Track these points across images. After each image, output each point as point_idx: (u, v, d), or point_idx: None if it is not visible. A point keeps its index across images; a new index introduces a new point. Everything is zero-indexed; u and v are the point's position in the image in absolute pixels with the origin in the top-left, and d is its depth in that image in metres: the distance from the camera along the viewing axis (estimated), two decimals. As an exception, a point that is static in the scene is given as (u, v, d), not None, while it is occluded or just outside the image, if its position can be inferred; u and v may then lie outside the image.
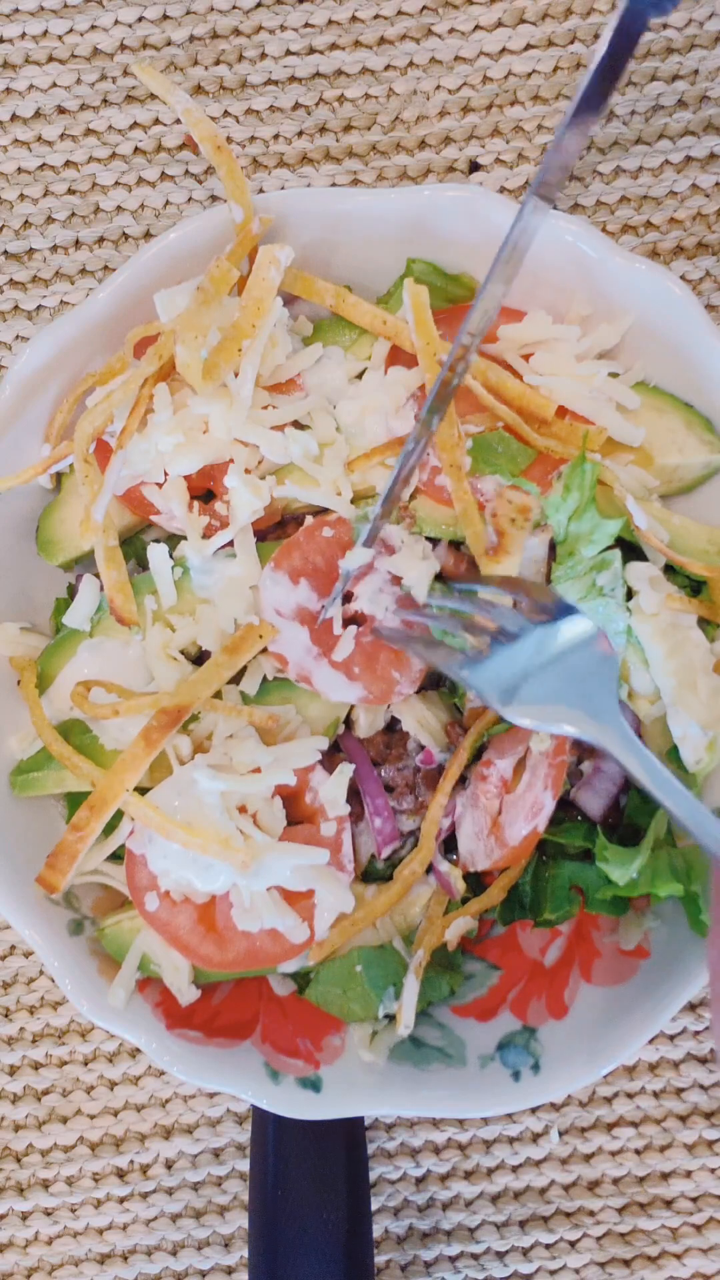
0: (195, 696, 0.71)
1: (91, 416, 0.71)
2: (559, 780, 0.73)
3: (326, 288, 0.75)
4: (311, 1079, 0.73)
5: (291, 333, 0.76)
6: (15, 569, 0.78)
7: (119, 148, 0.90)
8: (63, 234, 0.90)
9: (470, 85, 0.89)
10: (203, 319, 0.69)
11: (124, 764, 0.70)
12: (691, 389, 0.76)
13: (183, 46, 0.90)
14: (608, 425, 0.74)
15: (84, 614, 0.75)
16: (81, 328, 0.74)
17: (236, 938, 0.72)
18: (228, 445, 0.72)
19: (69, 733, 0.74)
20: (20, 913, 0.72)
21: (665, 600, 0.72)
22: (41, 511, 0.78)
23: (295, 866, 0.70)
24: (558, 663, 0.68)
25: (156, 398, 0.72)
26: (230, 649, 0.72)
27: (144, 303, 0.74)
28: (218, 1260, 0.87)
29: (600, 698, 0.66)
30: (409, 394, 0.75)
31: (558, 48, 0.89)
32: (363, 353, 0.77)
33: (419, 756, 0.76)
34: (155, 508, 0.74)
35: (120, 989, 0.73)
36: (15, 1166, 0.87)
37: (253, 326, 0.71)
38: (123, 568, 0.72)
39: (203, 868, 0.70)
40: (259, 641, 0.72)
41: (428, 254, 0.77)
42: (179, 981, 0.74)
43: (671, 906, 0.75)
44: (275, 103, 0.89)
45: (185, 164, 0.89)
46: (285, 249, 0.71)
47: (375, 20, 0.90)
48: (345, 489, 0.74)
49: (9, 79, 0.90)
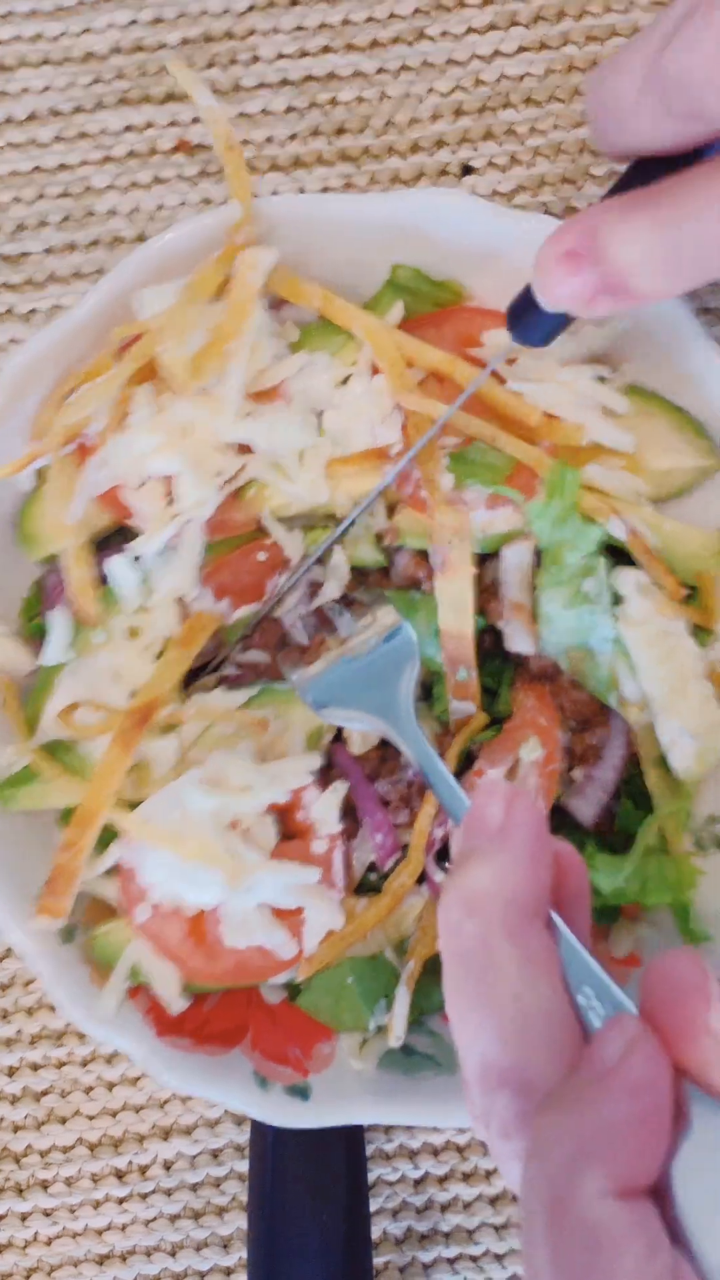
0: (158, 691, 0.71)
1: (66, 414, 0.71)
2: (551, 788, 0.73)
3: (313, 290, 0.75)
4: (300, 1086, 0.73)
5: (277, 337, 0.75)
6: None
7: (112, 151, 0.90)
8: (56, 237, 0.90)
9: (463, 88, 0.89)
10: (186, 317, 0.69)
11: (103, 771, 0.71)
12: (680, 391, 0.75)
13: (176, 49, 0.90)
14: (596, 432, 0.74)
15: (60, 648, 0.75)
16: (73, 330, 0.74)
17: (225, 952, 0.72)
18: (209, 450, 0.72)
19: (56, 751, 0.75)
20: (10, 920, 0.72)
21: (654, 607, 0.72)
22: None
23: (286, 884, 0.71)
24: (365, 662, 0.72)
25: (136, 398, 0.72)
26: (181, 642, 0.73)
27: (132, 306, 0.74)
28: (216, 1261, 0.87)
29: (388, 692, 0.70)
30: (395, 403, 0.74)
31: (551, 50, 0.89)
32: (349, 358, 0.76)
33: (412, 770, 0.76)
34: (131, 510, 0.74)
35: (110, 996, 0.73)
36: (14, 1167, 0.87)
37: (237, 329, 0.71)
38: (89, 567, 0.73)
39: (193, 882, 0.70)
40: (204, 631, 0.73)
41: (418, 258, 0.77)
42: (168, 992, 0.74)
43: (665, 914, 0.75)
44: (267, 106, 0.89)
45: (178, 168, 0.89)
46: (268, 252, 0.71)
47: (367, 23, 0.89)
48: (323, 490, 0.74)
49: (3, 81, 0.90)
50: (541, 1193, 0.42)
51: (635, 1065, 0.42)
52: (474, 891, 0.47)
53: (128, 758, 0.71)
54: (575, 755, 0.76)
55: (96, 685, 0.74)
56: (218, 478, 0.72)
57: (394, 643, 0.72)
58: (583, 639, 0.73)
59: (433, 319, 0.75)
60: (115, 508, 0.75)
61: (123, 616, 0.74)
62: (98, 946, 0.75)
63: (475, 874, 0.48)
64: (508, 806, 0.49)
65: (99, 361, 0.74)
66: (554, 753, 0.73)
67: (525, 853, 0.48)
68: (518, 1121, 0.45)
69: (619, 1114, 0.41)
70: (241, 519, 0.75)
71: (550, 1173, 0.42)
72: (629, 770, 0.76)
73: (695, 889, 0.73)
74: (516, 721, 0.75)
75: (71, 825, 0.71)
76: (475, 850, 0.49)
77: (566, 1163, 0.41)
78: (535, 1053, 0.45)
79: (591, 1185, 0.40)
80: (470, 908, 0.47)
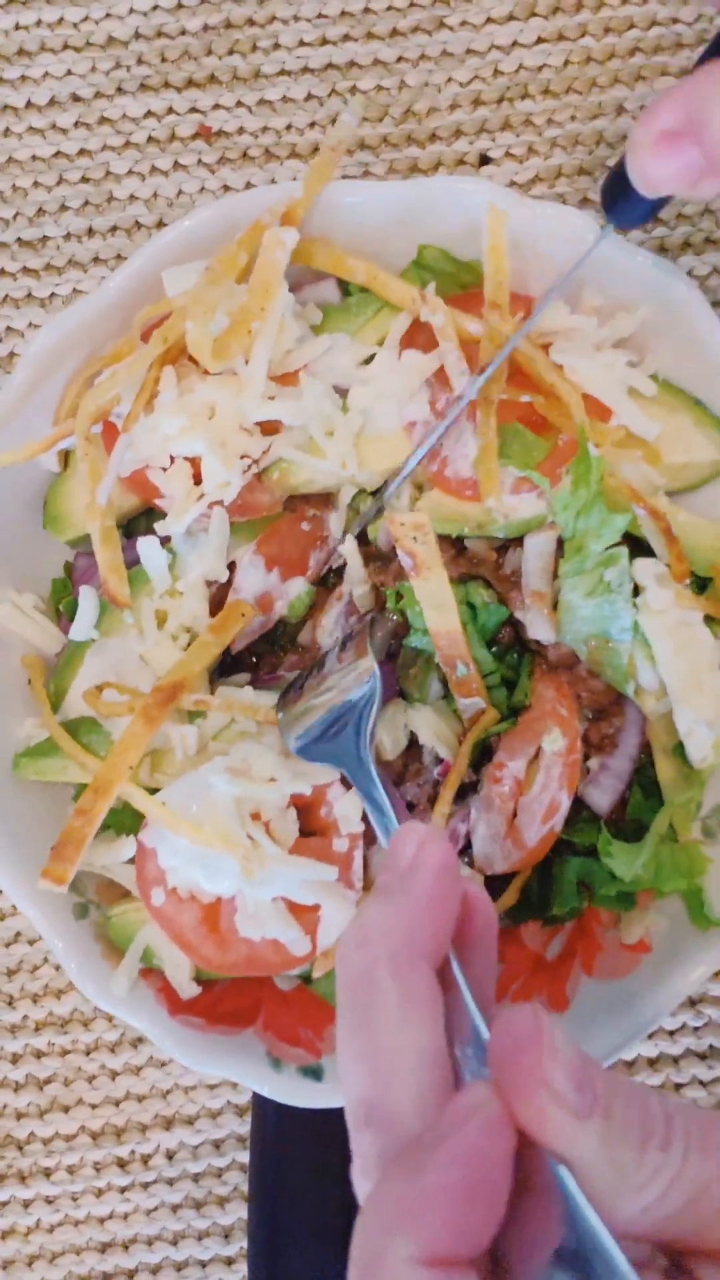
0: (188, 673, 0.71)
1: (94, 395, 0.71)
2: (574, 779, 0.73)
3: (358, 265, 0.75)
4: (313, 1067, 0.73)
5: (299, 318, 0.75)
6: (27, 544, 0.78)
7: (133, 136, 0.90)
8: (76, 222, 0.90)
9: (481, 78, 0.89)
10: (211, 295, 0.69)
11: (125, 744, 0.70)
12: (698, 385, 0.76)
13: (197, 36, 0.90)
14: (626, 417, 0.74)
15: (88, 624, 0.75)
16: (94, 313, 0.74)
17: (238, 943, 0.71)
18: (233, 432, 0.72)
19: (79, 729, 0.75)
20: (26, 895, 0.72)
21: (673, 597, 0.72)
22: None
23: (303, 880, 0.70)
24: (333, 714, 0.72)
25: (163, 380, 0.72)
26: (215, 628, 0.73)
27: (156, 290, 0.74)
28: (218, 1251, 0.87)
29: (344, 742, 0.70)
30: (423, 379, 0.74)
31: (569, 41, 0.89)
32: (369, 338, 0.76)
33: (437, 770, 0.75)
34: (159, 491, 0.74)
35: (123, 977, 0.73)
36: (17, 1154, 0.87)
37: (261, 309, 0.71)
38: (118, 549, 0.73)
39: (211, 870, 0.69)
40: (241, 620, 0.73)
41: (442, 241, 0.77)
42: (180, 977, 0.74)
43: (673, 901, 0.75)
44: (288, 93, 0.89)
45: (198, 154, 0.90)
46: (291, 231, 0.71)
47: (388, 12, 0.90)
48: (352, 463, 0.74)
49: (24, 66, 0.91)
50: (358, 1252, 0.41)
51: (469, 1133, 0.41)
52: (368, 926, 0.47)
53: (150, 733, 0.71)
54: (591, 744, 0.76)
55: (122, 669, 0.74)
56: (242, 460, 0.72)
57: (361, 692, 0.71)
58: (602, 628, 0.73)
59: (459, 301, 0.75)
60: (143, 489, 0.75)
61: (151, 600, 0.74)
62: (113, 927, 0.75)
63: (374, 909, 0.48)
64: (418, 849, 0.49)
65: (125, 343, 0.74)
66: (575, 742, 0.73)
67: (424, 894, 0.48)
68: (376, 1163, 0.44)
69: (443, 1182, 0.40)
70: (267, 500, 0.75)
71: (369, 1233, 0.41)
72: (641, 759, 0.76)
73: (706, 875, 0.73)
74: (535, 712, 0.75)
75: (87, 793, 0.71)
76: (381, 886, 0.49)
77: (385, 1225, 0.40)
78: (400, 1094, 0.44)
79: (402, 1251, 0.40)
80: (362, 940, 0.47)
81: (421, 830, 0.49)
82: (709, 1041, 0.86)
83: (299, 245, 0.73)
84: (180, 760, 0.74)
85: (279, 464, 0.75)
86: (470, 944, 0.50)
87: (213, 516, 0.73)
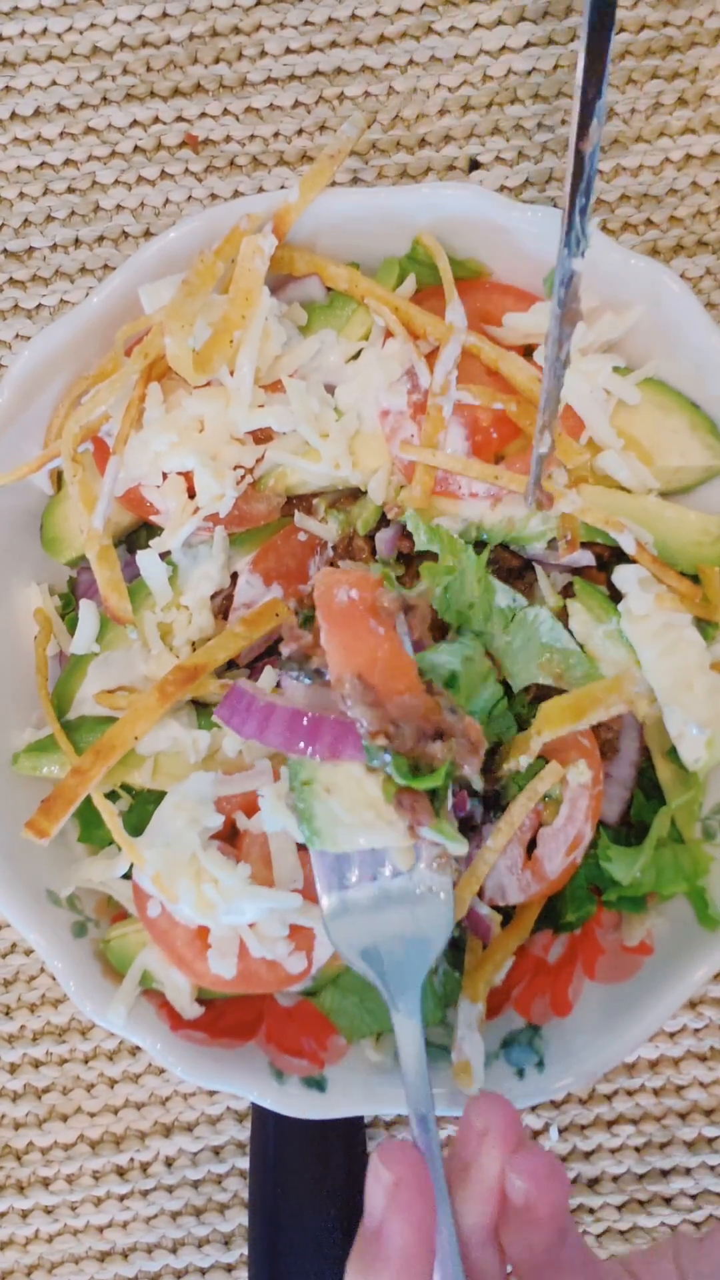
0: (212, 659, 0.71)
1: (78, 415, 0.71)
2: (598, 811, 0.73)
3: (340, 272, 0.75)
4: (317, 1079, 0.73)
5: (284, 319, 0.75)
6: (25, 565, 0.79)
7: (119, 146, 0.90)
8: (63, 232, 0.89)
9: (470, 83, 0.89)
10: (188, 309, 0.69)
11: (136, 713, 0.71)
12: (692, 388, 0.75)
13: (182, 44, 0.90)
14: (593, 425, 0.74)
15: (88, 637, 0.75)
16: (79, 328, 0.74)
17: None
18: (224, 444, 0.72)
19: (80, 728, 0.75)
20: (24, 916, 0.72)
21: (655, 601, 0.72)
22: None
23: (266, 910, 0.69)
24: (395, 915, 0.67)
25: (149, 397, 0.72)
26: (249, 621, 0.73)
27: (140, 305, 0.74)
28: (218, 1258, 0.87)
29: (405, 972, 0.66)
30: (404, 369, 0.74)
31: (558, 45, 0.89)
32: (355, 333, 0.76)
33: (450, 803, 0.72)
34: (154, 508, 0.74)
35: (121, 1005, 0.72)
36: (15, 1164, 0.87)
37: (242, 318, 0.70)
38: (116, 566, 0.72)
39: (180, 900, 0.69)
40: (275, 619, 0.73)
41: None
42: (181, 1000, 0.73)
43: (675, 903, 0.75)
44: (275, 100, 0.89)
45: (185, 162, 0.89)
46: (269, 238, 0.71)
47: (375, 18, 0.89)
48: (346, 464, 0.74)
49: (9, 77, 0.90)
50: None
51: None
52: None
53: (163, 708, 0.71)
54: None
55: (124, 680, 0.74)
56: (235, 470, 0.72)
57: (428, 911, 0.66)
58: (537, 643, 0.73)
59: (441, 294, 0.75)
60: (138, 506, 0.75)
61: (153, 614, 0.74)
62: (111, 950, 0.75)
63: None
64: (387, 1203, 0.53)
65: (110, 360, 0.74)
66: (599, 775, 0.73)
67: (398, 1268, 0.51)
68: None
69: None
70: (264, 509, 0.75)
71: None
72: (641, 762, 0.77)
73: (708, 876, 0.73)
74: (557, 743, 0.73)
75: (87, 753, 0.71)
76: (360, 1254, 0.52)
77: None
78: None
79: None
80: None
81: (386, 1182, 0.53)
82: (709, 1043, 0.87)
83: (279, 253, 0.73)
84: (190, 763, 0.74)
85: (274, 470, 0.75)
86: (532, 1225, 0.53)
87: (215, 535, 0.73)
